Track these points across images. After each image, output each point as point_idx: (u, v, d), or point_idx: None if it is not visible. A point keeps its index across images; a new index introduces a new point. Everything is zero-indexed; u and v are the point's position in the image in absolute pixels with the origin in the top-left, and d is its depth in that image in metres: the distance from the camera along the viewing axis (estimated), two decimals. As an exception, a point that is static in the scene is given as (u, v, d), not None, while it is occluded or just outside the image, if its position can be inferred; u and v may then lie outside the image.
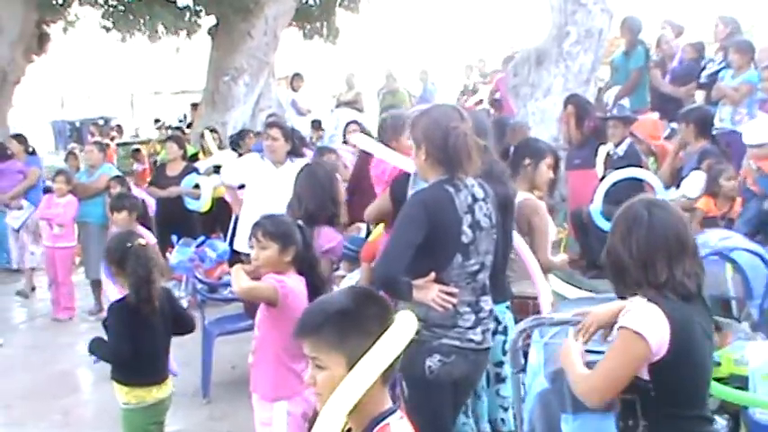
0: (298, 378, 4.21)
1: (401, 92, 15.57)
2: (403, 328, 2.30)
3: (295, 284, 4.15)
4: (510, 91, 10.68)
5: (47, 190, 10.85)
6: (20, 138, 12.10)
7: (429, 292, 3.64)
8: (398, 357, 2.28)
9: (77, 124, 25.64)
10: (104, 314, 9.42)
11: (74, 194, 9.84)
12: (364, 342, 2.25)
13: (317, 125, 14.94)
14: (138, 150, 16.99)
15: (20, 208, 11.09)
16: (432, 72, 16.24)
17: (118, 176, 10.12)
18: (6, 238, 12.67)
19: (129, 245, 4.41)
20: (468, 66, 16.20)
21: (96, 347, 4.56)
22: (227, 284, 8.40)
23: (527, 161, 5.26)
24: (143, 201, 8.36)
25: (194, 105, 18.75)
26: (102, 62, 27.23)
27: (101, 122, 23.47)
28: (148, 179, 12.98)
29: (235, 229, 9.43)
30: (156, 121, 22.37)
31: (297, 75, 16.34)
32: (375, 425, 2.25)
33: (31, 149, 12.04)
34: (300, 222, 4.55)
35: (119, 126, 22.79)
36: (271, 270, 4.17)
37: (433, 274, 3.67)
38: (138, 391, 4.45)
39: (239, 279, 4.20)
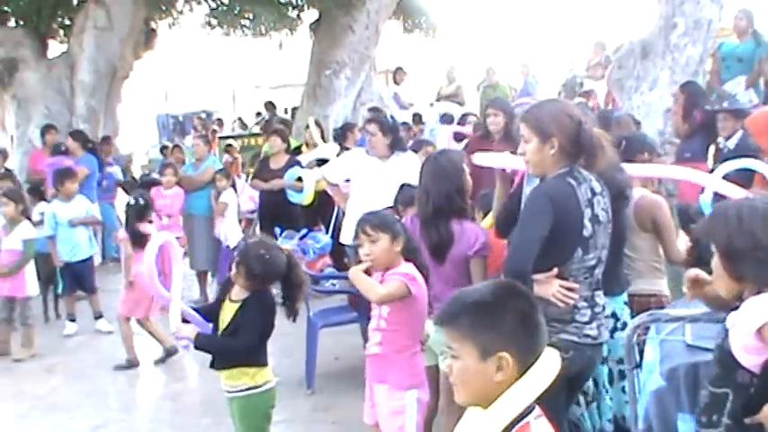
0: (423, 366, 4.35)
1: (501, 85, 15.46)
2: (550, 361, 2.28)
3: (414, 272, 4.20)
4: (614, 84, 10.49)
5: (154, 182, 11.06)
6: (78, 134, 11.94)
7: (550, 287, 3.60)
8: None
9: (180, 118, 26.17)
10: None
11: (180, 186, 10.07)
12: (497, 336, 2.23)
13: (417, 119, 14.94)
14: (229, 144, 17.27)
15: None
16: (533, 65, 16.07)
17: (223, 169, 10.31)
18: (115, 227, 13.03)
19: (267, 255, 4.44)
20: (569, 59, 15.99)
21: (221, 346, 4.50)
22: (330, 276, 8.50)
23: (645, 155, 5.17)
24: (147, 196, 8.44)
25: (269, 103, 19.00)
26: (205, 57, 27.77)
27: (203, 116, 23.91)
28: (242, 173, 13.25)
29: (338, 221, 9.52)
30: (258, 114, 22.69)
31: (399, 68, 16.38)
32: (514, 425, 2.22)
33: (90, 146, 11.79)
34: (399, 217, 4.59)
35: (220, 120, 23.18)
36: (384, 263, 4.19)
37: (555, 270, 3.62)
38: (264, 372, 4.51)
39: (373, 287, 4.21)
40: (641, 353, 3.77)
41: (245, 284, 4.42)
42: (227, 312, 4.45)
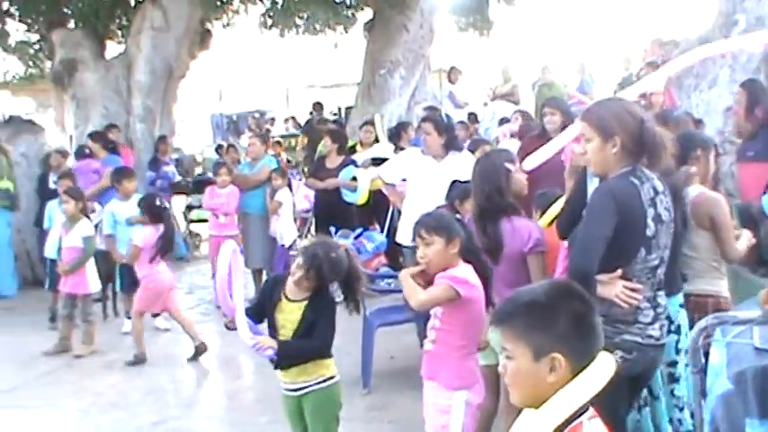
0: (476, 368, 4.31)
1: (557, 84, 15.32)
2: (604, 366, 2.26)
3: (467, 274, 4.16)
4: (672, 82, 10.34)
5: (209, 182, 11.15)
6: (99, 135, 11.80)
7: (613, 288, 3.56)
8: None
9: (234, 118, 26.34)
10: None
11: (236, 185, 10.14)
12: (550, 336, 2.22)
13: (472, 118, 14.88)
14: (278, 143, 17.39)
15: (92, 211, 10.36)
16: (589, 64, 15.92)
17: (279, 168, 10.36)
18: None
19: (335, 255, 4.44)
20: (625, 57, 15.81)
21: (302, 349, 4.46)
22: (385, 276, 8.48)
23: (698, 152, 5.09)
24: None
25: (317, 104, 19.08)
26: (259, 57, 27.91)
27: (257, 116, 24.06)
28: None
29: (392, 221, 9.52)
30: (311, 113, 22.77)
31: (454, 67, 16.34)
32: (566, 425, 2.20)
33: (111, 146, 11.59)
34: (459, 216, 4.56)
35: (273, 119, 23.32)
36: (440, 265, 4.17)
37: (619, 271, 3.59)
38: (334, 364, 4.56)
39: (414, 293, 4.22)
40: (706, 355, 3.71)
41: (311, 285, 4.42)
42: (292, 313, 4.43)
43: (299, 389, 4.50)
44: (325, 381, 4.49)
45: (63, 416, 6.65)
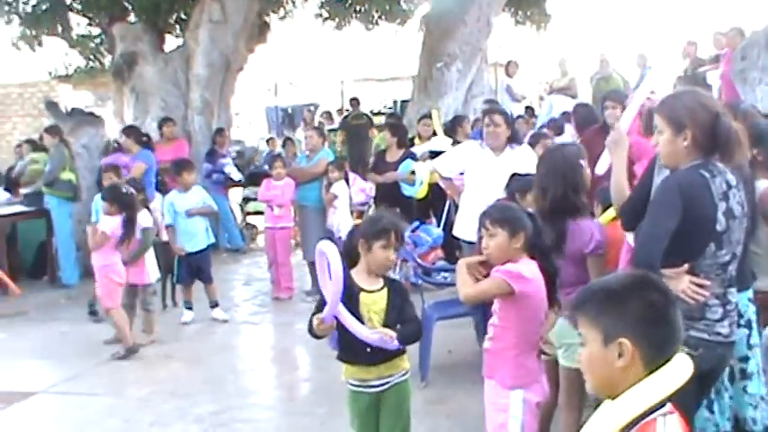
0: (535, 366, 4.22)
1: (615, 77, 15.15)
2: (683, 364, 2.24)
3: (528, 270, 4.07)
4: (736, 75, 10.17)
5: (265, 174, 11.20)
6: (132, 130, 11.70)
7: (680, 283, 3.50)
8: None
9: (289, 110, 26.46)
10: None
11: (293, 178, 10.18)
12: (619, 321, 2.24)
13: (530, 112, 14.77)
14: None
15: None
16: (649, 56, 15.68)
17: (336, 160, 10.39)
18: (229, 218, 13.29)
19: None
20: (685, 50, 15.56)
21: (414, 332, 4.42)
22: (441, 269, 8.47)
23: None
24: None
25: (354, 100, 19.06)
26: (314, 49, 28.01)
27: (312, 109, 24.12)
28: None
29: (449, 214, 9.49)
30: (347, 109, 22.73)
31: (512, 61, 16.24)
32: (641, 419, 2.18)
33: (144, 140, 11.39)
34: (531, 210, 4.48)
35: (328, 113, 23.37)
36: (501, 258, 4.12)
37: (686, 266, 3.52)
38: None
39: (464, 285, 4.19)
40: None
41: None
42: (375, 303, 4.30)
43: (383, 384, 4.39)
44: (405, 373, 4.44)
45: (124, 403, 6.73)
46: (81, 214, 11.15)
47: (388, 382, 4.39)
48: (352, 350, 4.33)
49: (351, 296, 4.25)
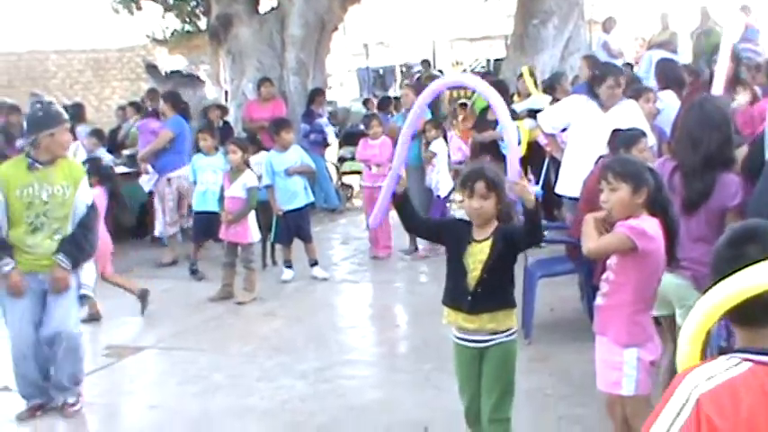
0: (650, 324, 4.13)
1: (717, 32, 14.67)
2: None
3: (650, 227, 3.97)
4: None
5: (361, 134, 11.20)
6: (170, 95, 11.25)
7: None
8: None
9: (381, 72, 26.45)
10: (421, 254, 9.82)
11: (390, 137, 10.16)
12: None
13: (628, 68, 14.43)
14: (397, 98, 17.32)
15: (146, 172, 10.73)
16: (754, 9, 15.13)
17: (434, 119, 10.33)
18: (325, 178, 13.35)
19: None
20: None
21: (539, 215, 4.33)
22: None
23: None
24: None
25: (425, 62, 18.69)
26: (405, 10, 27.88)
27: (403, 69, 24.08)
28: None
29: (548, 172, 9.37)
30: (419, 71, 22.53)
31: (610, 17, 15.89)
32: None
33: (182, 107, 10.87)
34: (651, 165, 4.37)
35: (419, 73, 23.27)
36: (623, 213, 4.02)
37: None
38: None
39: (588, 238, 4.09)
40: None
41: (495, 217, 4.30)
42: (481, 252, 4.23)
43: (485, 340, 4.30)
44: (511, 334, 4.34)
45: (229, 359, 6.85)
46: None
47: (491, 340, 4.29)
48: (453, 293, 4.32)
49: (461, 246, 4.27)
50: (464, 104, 13.39)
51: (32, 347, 5.72)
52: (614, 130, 6.03)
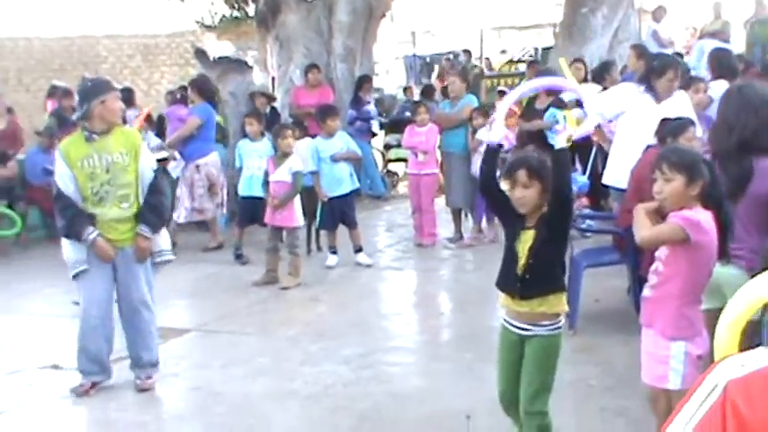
0: (698, 317, 4.04)
1: (773, 20, 14.44)
2: None
3: (705, 220, 3.90)
4: None
5: (408, 121, 11.18)
6: (198, 82, 11.17)
7: None
8: None
9: (428, 59, 26.36)
10: (466, 242, 9.81)
11: (437, 125, 10.14)
12: None
13: (679, 58, 14.25)
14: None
15: (174, 158, 10.68)
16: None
17: (481, 106, 10.28)
18: (371, 164, 13.35)
19: None
20: None
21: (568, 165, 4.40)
22: (587, 216, 8.33)
23: None
24: None
25: (466, 51, 18.50)
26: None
27: (450, 57, 23.94)
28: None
29: (595, 162, 9.29)
30: (502, 52, 22.44)
31: (660, 6, 15.70)
32: None
33: (209, 95, 10.88)
34: (708, 156, 4.30)
35: (488, 59, 23.17)
36: (676, 204, 3.96)
37: None
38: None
39: (641, 227, 4.03)
40: None
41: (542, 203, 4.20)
42: (527, 240, 4.17)
43: (530, 329, 4.21)
44: (557, 327, 4.21)
45: (273, 343, 6.89)
46: (229, 160, 11.40)
47: (536, 330, 4.20)
48: (506, 278, 4.27)
49: (515, 231, 4.23)
50: (502, 92, 13.31)
51: (104, 320, 5.83)
52: (662, 120, 5.97)
